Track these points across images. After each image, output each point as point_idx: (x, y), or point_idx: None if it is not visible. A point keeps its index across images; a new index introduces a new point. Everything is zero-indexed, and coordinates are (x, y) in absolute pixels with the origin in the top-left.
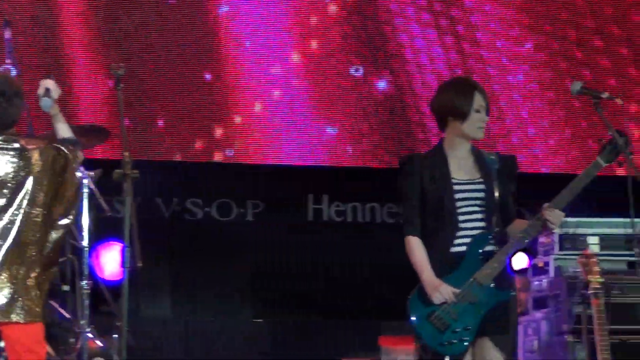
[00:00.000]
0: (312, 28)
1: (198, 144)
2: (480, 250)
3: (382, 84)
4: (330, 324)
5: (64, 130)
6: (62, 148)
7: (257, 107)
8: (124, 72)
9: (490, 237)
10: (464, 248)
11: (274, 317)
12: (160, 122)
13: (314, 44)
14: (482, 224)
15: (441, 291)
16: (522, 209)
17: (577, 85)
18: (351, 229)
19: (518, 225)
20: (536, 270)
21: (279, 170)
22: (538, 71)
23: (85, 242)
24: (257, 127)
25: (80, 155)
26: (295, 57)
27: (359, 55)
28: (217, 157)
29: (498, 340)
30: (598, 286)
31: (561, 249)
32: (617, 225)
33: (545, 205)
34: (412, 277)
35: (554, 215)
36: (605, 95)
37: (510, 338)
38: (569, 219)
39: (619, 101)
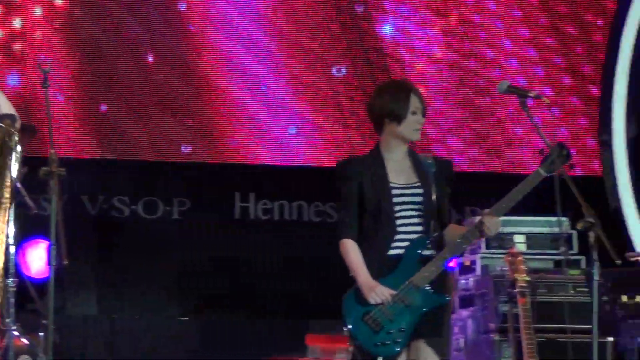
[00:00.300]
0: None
1: (121, 142)
2: (418, 255)
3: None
4: (257, 322)
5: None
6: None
7: (182, 106)
8: (51, 70)
9: (428, 241)
10: (401, 251)
11: (200, 315)
12: (89, 120)
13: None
14: (419, 227)
15: (377, 292)
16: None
17: (503, 85)
18: (278, 227)
19: (453, 230)
20: (463, 269)
21: (205, 169)
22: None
23: (11, 240)
24: (183, 126)
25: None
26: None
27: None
28: (144, 155)
29: (433, 343)
30: (524, 285)
31: (488, 247)
32: (543, 224)
33: (485, 211)
34: (340, 276)
35: (492, 222)
36: (532, 94)
37: (445, 340)
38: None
39: (545, 100)
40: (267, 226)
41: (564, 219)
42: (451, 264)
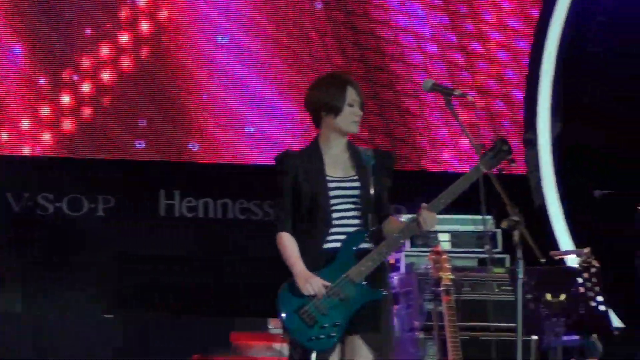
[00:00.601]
0: None
1: (47, 139)
2: (355, 248)
3: None
4: (182, 320)
5: None
6: None
7: (106, 102)
8: None
9: (365, 234)
10: (338, 244)
11: (125, 312)
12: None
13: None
14: (356, 221)
15: (311, 283)
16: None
17: (428, 83)
18: (203, 225)
19: (393, 224)
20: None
21: (130, 166)
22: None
23: None
24: (107, 122)
25: None
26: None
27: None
28: (69, 152)
29: (369, 339)
30: (449, 283)
31: (412, 245)
32: (468, 223)
33: (424, 205)
34: (265, 274)
35: (429, 217)
36: (457, 92)
37: (384, 337)
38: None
39: (470, 98)
40: (192, 223)
41: (488, 217)
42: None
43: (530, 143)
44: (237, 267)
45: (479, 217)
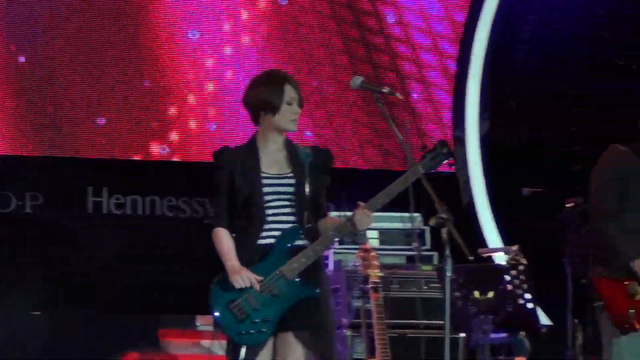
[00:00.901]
0: None
1: None
2: (289, 245)
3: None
4: (109, 317)
5: None
6: None
7: (32, 97)
8: None
9: (300, 232)
10: (272, 241)
11: (52, 309)
12: None
13: None
14: (291, 218)
15: (242, 276)
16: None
17: (357, 80)
18: (130, 222)
19: (330, 223)
20: None
21: (58, 163)
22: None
23: None
24: (33, 118)
25: None
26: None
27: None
28: None
29: (302, 336)
30: (377, 280)
31: (341, 243)
32: (396, 220)
33: (360, 204)
34: (193, 271)
35: (364, 217)
36: (385, 90)
37: (325, 337)
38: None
39: (398, 96)
40: (119, 220)
41: (416, 214)
42: None
43: (459, 141)
44: (165, 265)
45: (408, 214)
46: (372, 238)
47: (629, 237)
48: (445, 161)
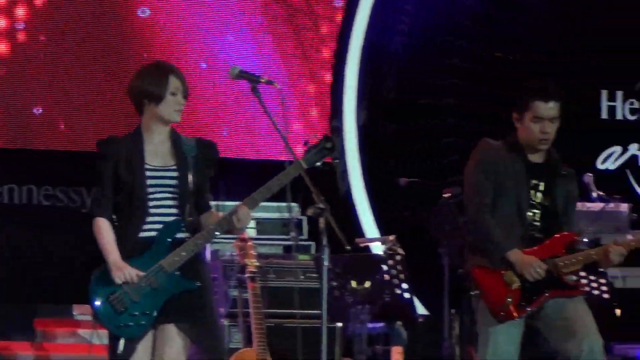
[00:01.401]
0: None
1: None
2: (171, 238)
3: None
4: None
5: None
6: None
7: None
8: None
9: (182, 224)
10: (154, 234)
11: None
12: None
13: None
14: (174, 210)
15: (124, 272)
16: None
17: (235, 70)
18: (6, 211)
19: (213, 217)
20: None
21: None
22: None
23: None
24: None
25: None
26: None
27: None
28: None
29: (182, 328)
30: (254, 270)
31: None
32: (273, 210)
33: (243, 203)
34: (70, 260)
35: (244, 215)
36: (264, 79)
37: (204, 328)
38: (227, 203)
39: (277, 86)
40: None
41: (294, 204)
42: None
43: (336, 131)
44: (41, 254)
45: (285, 204)
46: (249, 228)
47: (504, 228)
48: (329, 156)
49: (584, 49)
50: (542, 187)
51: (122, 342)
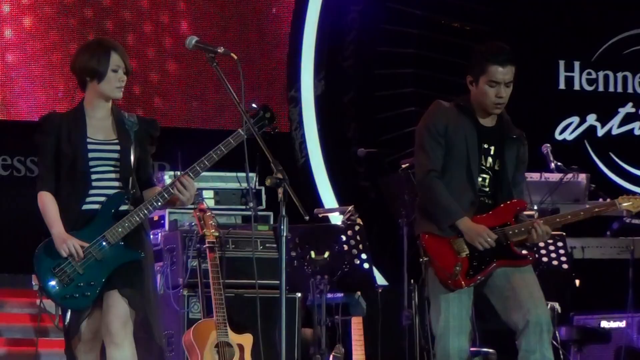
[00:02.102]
0: None
1: None
2: (114, 209)
3: None
4: None
5: None
6: None
7: None
8: None
9: (125, 197)
10: (96, 206)
11: None
12: None
13: None
14: (116, 183)
15: (68, 244)
16: None
17: (192, 40)
18: None
19: (155, 190)
20: (151, 224)
21: None
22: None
23: None
24: None
25: None
26: None
27: None
28: None
29: (126, 294)
30: (213, 240)
31: None
32: (232, 180)
33: (182, 173)
34: (29, 230)
35: (184, 183)
36: (221, 50)
37: (146, 298)
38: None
39: (234, 56)
40: None
41: (252, 174)
42: None
43: (294, 101)
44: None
45: (243, 174)
46: (208, 198)
47: (454, 193)
48: (269, 125)
49: (541, 20)
50: (492, 151)
51: (68, 314)
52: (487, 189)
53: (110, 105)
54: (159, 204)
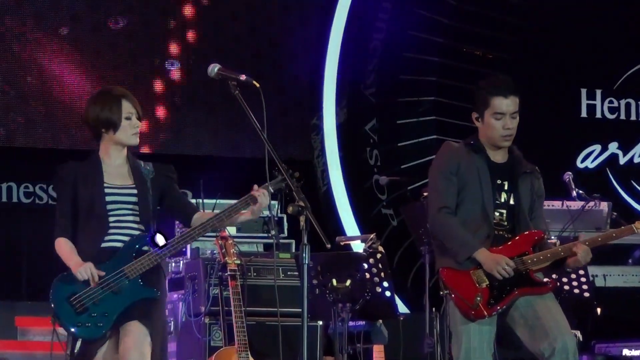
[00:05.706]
0: None
1: None
2: (136, 248)
3: None
4: None
5: None
6: None
7: None
8: None
9: (147, 239)
10: (115, 244)
11: None
12: None
13: None
14: (134, 225)
15: (85, 268)
16: None
17: (214, 68)
18: None
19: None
20: None
21: None
22: None
23: None
24: None
25: None
26: None
27: None
28: None
29: (146, 324)
30: (235, 268)
31: None
32: None
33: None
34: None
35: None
36: (243, 78)
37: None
38: (207, 201)
39: (256, 83)
40: None
41: (274, 202)
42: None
43: (316, 128)
44: (22, 251)
45: None
46: (230, 226)
47: (469, 228)
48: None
49: (563, 48)
50: (506, 186)
51: (78, 343)
52: (506, 223)
53: (126, 152)
54: (180, 248)
